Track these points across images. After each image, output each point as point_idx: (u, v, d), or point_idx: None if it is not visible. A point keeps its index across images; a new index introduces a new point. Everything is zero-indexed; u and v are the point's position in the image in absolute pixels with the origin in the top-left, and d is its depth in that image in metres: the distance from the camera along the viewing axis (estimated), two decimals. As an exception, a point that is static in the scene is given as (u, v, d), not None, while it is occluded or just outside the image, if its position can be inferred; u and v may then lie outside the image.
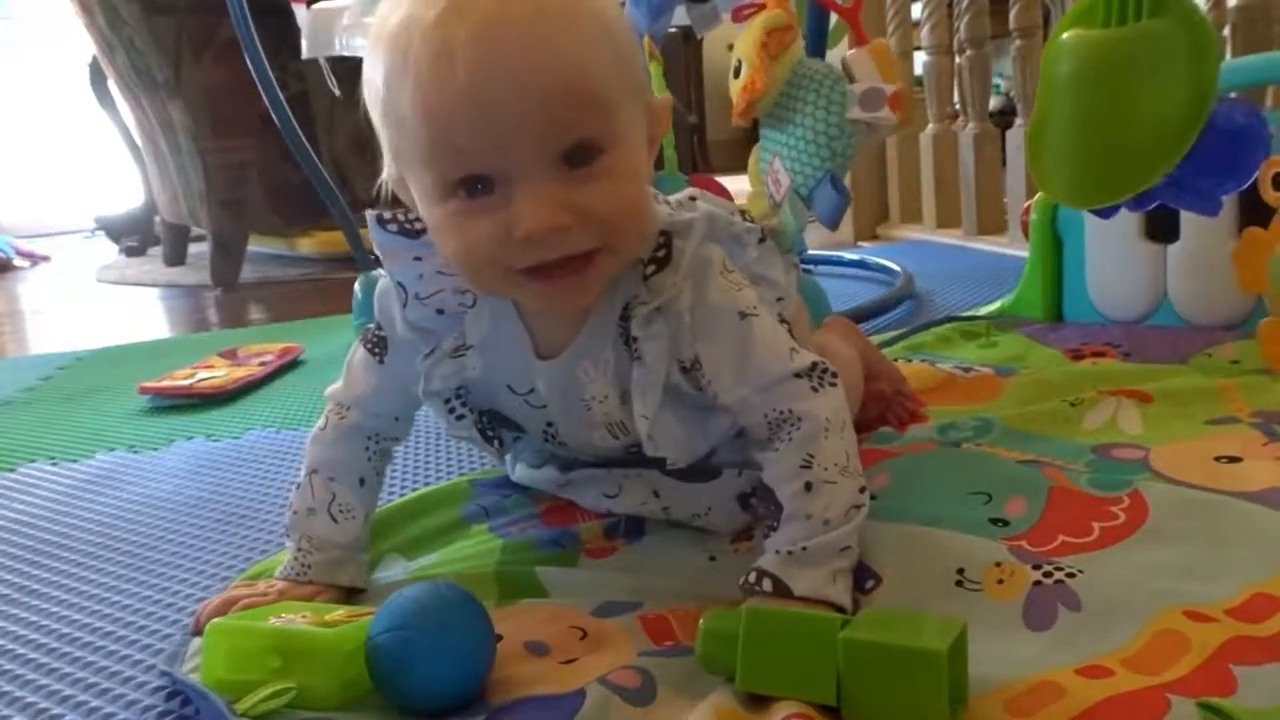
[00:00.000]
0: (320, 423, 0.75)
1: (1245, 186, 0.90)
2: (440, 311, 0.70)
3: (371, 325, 0.74)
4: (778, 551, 0.61)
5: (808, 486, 0.62)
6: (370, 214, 0.69)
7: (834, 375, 0.66)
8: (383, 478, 0.77)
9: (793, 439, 0.64)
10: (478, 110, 0.57)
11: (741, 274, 0.70)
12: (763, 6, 1.17)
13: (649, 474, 0.76)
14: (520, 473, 0.85)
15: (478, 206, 0.60)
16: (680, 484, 0.76)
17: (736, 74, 1.18)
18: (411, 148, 0.61)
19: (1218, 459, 0.81)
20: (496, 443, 0.76)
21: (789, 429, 0.64)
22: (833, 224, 1.17)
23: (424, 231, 0.68)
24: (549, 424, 0.74)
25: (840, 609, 0.59)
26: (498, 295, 0.68)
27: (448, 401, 0.73)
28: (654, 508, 0.77)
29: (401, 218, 0.69)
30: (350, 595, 0.71)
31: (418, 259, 0.69)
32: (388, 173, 0.67)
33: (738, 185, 1.25)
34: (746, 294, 0.68)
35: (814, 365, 0.66)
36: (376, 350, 0.74)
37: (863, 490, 0.64)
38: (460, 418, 0.73)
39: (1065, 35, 0.91)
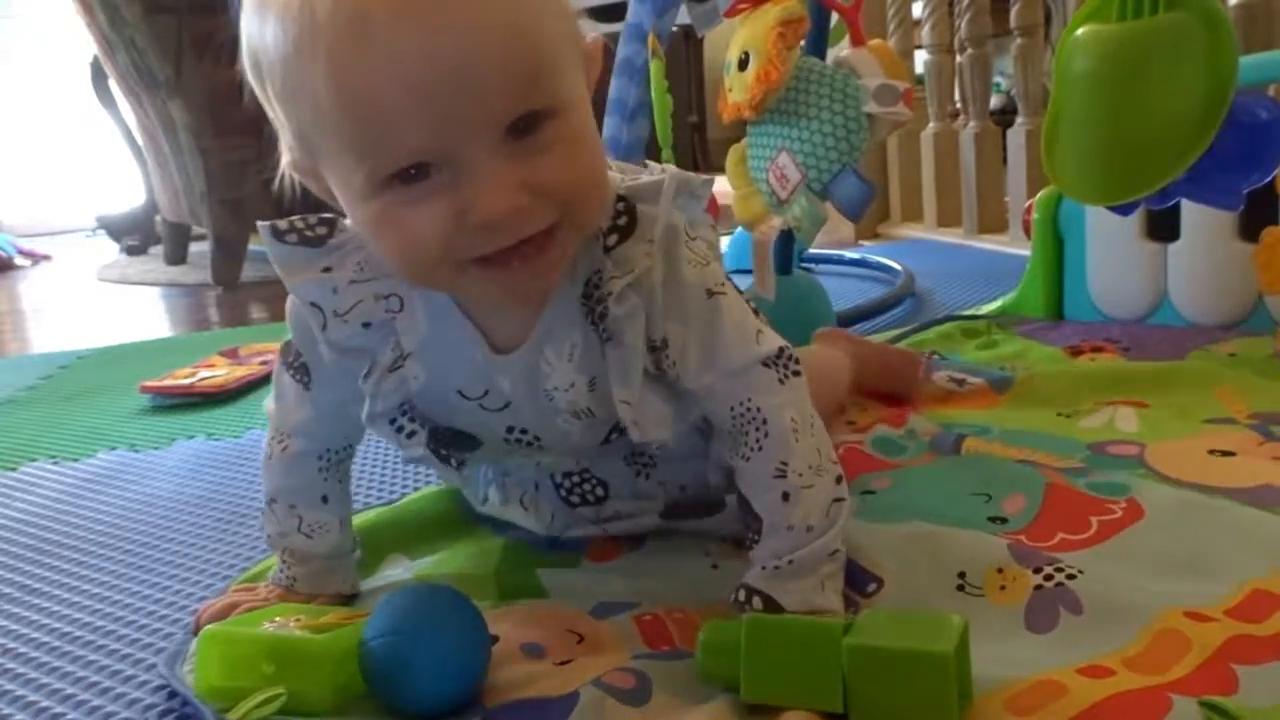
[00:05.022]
0: (266, 450, 0.70)
1: (1268, 181, 0.89)
2: (367, 325, 0.62)
3: (292, 344, 0.67)
4: (763, 567, 0.60)
5: (785, 496, 0.60)
6: (263, 226, 0.61)
7: (798, 362, 0.63)
8: (348, 483, 0.72)
9: (762, 448, 0.60)
10: (409, 90, 0.49)
11: (703, 242, 0.64)
12: (758, 1, 1.17)
13: (649, 522, 0.74)
14: (496, 509, 0.76)
15: (418, 194, 0.52)
16: (686, 523, 0.74)
17: (742, 66, 1.18)
18: (331, 139, 0.52)
19: (1212, 452, 0.81)
20: (454, 462, 0.68)
21: (756, 433, 0.61)
22: (857, 215, 1.17)
23: (327, 236, 0.61)
24: (510, 427, 0.66)
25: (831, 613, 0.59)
26: (445, 291, 0.60)
27: (394, 421, 0.65)
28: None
29: (300, 225, 0.61)
30: (349, 597, 0.71)
31: (327, 270, 0.61)
32: (289, 159, 0.58)
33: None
34: (714, 269, 0.63)
35: (780, 351, 0.62)
36: (301, 378, 0.67)
37: (839, 481, 0.62)
38: (411, 435, 0.66)
39: (1080, 31, 0.90)
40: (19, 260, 3.44)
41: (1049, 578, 0.63)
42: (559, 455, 0.71)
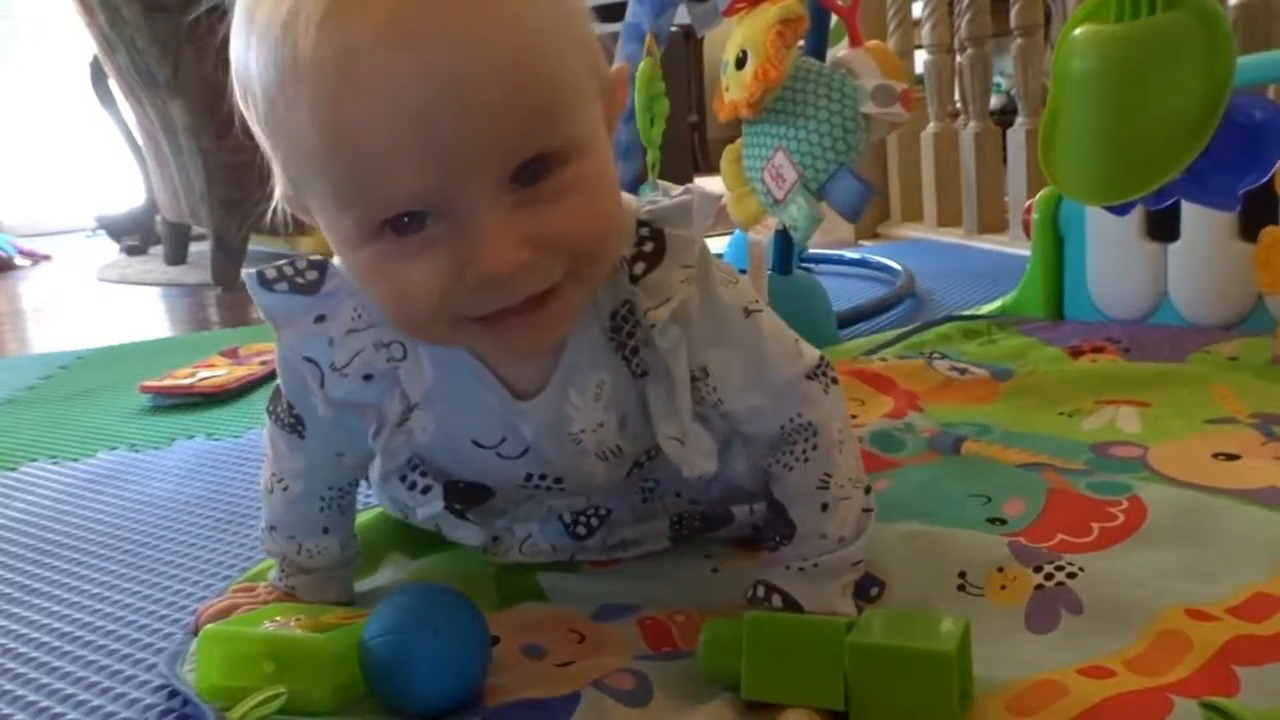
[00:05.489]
0: (266, 483, 0.66)
1: (1263, 182, 0.89)
2: (368, 377, 0.58)
3: (283, 396, 0.63)
4: (787, 566, 0.59)
5: (824, 506, 0.59)
6: (249, 275, 0.57)
7: (832, 368, 0.62)
8: (352, 509, 0.69)
9: (809, 459, 0.59)
10: (401, 120, 0.44)
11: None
12: (756, 0, 1.17)
13: (658, 546, 0.73)
14: (499, 557, 0.73)
15: (412, 247, 0.48)
16: (695, 538, 0.73)
17: (740, 65, 1.18)
18: (318, 179, 0.48)
19: (1216, 455, 0.81)
20: (468, 516, 0.65)
21: (804, 444, 0.59)
22: (855, 216, 1.17)
23: (319, 282, 0.57)
24: (529, 474, 0.63)
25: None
26: (441, 345, 0.56)
27: (405, 479, 0.62)
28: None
29: (289, 271, 0.57)
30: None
31: (320, 319, 0.57)
32: (282, 191, 0.54)
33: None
34: (745, 286, 0.60)
35: (820, 360, 0.61)
36: (297, 429, 0.63)
37: (868, 491, 0.62)
38: (427, 490, 0.62)
39: (1077, 31, 0.90)
40: (19, 260, 3.45)
41: (1049, 577, 0.62)
42: (574, 496, 0.69)
